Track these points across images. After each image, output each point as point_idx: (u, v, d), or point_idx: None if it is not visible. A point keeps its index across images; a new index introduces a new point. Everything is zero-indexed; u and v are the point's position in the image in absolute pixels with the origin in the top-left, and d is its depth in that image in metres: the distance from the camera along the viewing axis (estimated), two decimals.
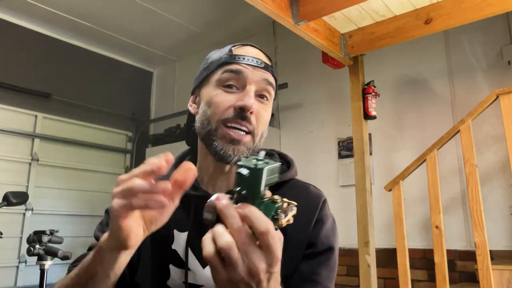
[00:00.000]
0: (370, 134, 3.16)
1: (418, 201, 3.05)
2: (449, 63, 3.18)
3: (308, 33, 2.53)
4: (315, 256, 0.75)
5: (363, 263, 2.63)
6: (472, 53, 3.09)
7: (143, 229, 0.54)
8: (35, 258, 1.94)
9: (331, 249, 0.76)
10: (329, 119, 3.71)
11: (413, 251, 2.85)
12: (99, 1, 3.80)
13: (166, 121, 4.73)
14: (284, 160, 0.87)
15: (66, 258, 1.89)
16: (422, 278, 2.98)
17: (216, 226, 0.47)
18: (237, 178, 0.47)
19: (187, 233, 0.76)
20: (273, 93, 0.79)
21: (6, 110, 3.92)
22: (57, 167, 4.20)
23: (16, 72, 4.01)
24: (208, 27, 4.27)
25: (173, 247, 0.76)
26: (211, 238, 0.46)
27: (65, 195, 4.20)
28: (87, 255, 0.63)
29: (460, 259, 2.86)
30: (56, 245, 1.98)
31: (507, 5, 2.25)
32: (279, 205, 0.49)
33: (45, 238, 1.95)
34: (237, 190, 0.47)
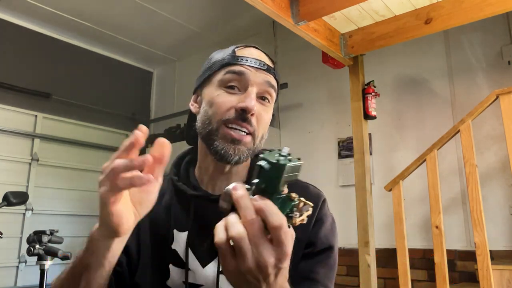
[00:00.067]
0: (370, 134, 3.16)
1: (418, 201, 3.05)
2: (449, 63, 3.18)
3: (308, 33, 2.53)
4: (315, 255, 0.75)
5: (363, 263, 2.63)
6: (472, 53, 3.09)
7: (134, 213, 0.54)
8: (35, 258, 1.93)
9: (331, 248, 0.77)
10: (329, 119, 3.70)
11: (413, 251, 2.85)
12: (99, 1, 3.80)
13: (166, 121, 4.73)
14: None
15: (66, 258, 1.88)
16: (422, 278, 2.98)
17: (230, 215, 0.47)
18: (257, 171, 0.47)
19: (187, 233, 0.76)
20: (274, 95, 0.79)
21: (6, 110, 3.92)
22: (57, 167, 4.20)
23: (16, 72, 4.01)
24: (208, 27, 4.27)
25: (173, 247, 0.77)
26: (223, 226, 0.47)
27: (65, 195, 4.21)
28: None
29: (460, 259, 2.87)
30: (56, 245, 1.97)
31: (507, 5, 2.25)
32: (295, 203, 0.49)
33: (45, 238, 1.95)
34: (256, 182, 0.48)
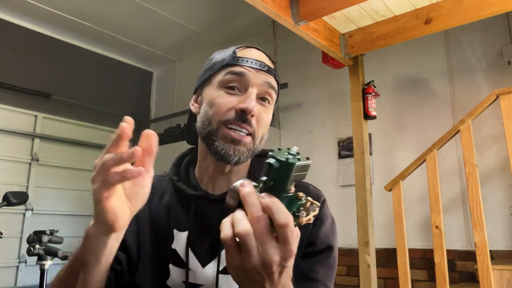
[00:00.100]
0: (370, 134, 3.16)
1: (418, 201, 3.05)
2: (449, 63, 3.18)
3: (308, 33, 2.53)
4: (314, 255, 0.75)
5: (363, 263, 2.63)
6: (472, 53, 3.09)
7: (128, 208, 0.55)
8: (35, 258, 1.93)
9: (330, 248, 0.77)
10: (329, 119, 3.70)
11: (413, 251, 2.85)
12: (99, 1, 3.80)
13: (166, 121, 4.73)
14: None
15: (66, 258, 1.88)
16: (422, 278, 2.98)
17: (237, 212, 0.47)
18: (265, 168, 0.48)
19: (187, 233, 0.76)
20: (274, 96, 0.80)
21: (6, 110, 3.92)
22: (57, 167, 4.20)
23: (16, 72, 4.01)
24: (208, 27, 4.27)
25: (173, 247, 0.77)
26: (230, 222, 0.47)
27: (65, 195, 4.20)
28: None
29: (460, 259, 2.87)
30: (56, 245, 1.97)
31: (507, 5, 2.25)
32: (302, 202, 0.49)
33: (45, 238, 1.95)
34: (263, 179, 0.48)
